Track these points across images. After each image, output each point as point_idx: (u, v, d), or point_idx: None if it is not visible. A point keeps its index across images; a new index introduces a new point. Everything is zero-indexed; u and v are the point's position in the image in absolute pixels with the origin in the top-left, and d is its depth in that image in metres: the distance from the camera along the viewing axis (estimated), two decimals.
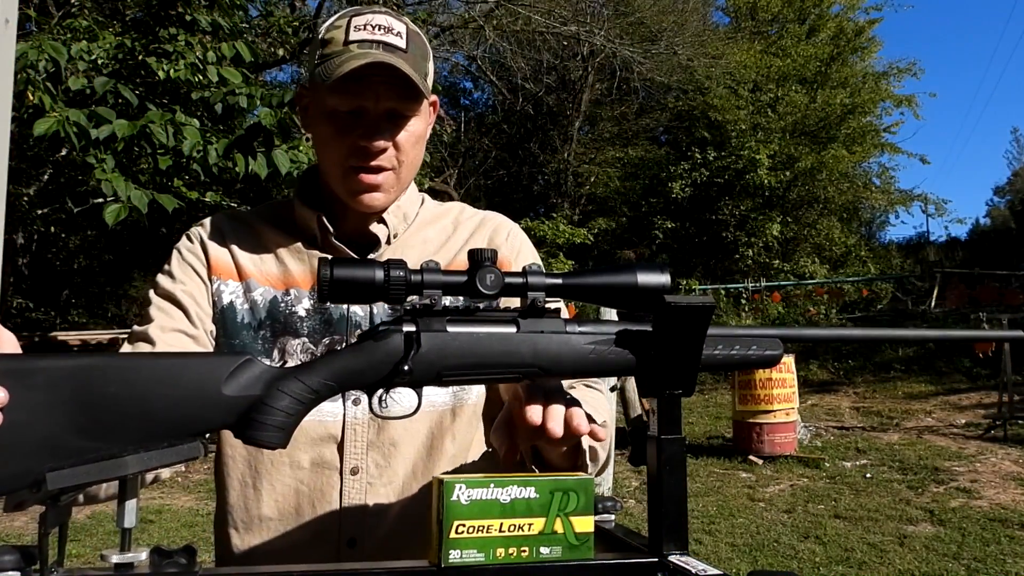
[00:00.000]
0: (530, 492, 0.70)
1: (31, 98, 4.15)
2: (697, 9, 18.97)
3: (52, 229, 9.80)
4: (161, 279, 1.07)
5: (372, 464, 1.03)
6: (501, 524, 0.69)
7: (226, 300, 1.06)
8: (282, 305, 1.06)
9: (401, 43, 0.99)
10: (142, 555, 0.65)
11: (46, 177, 6.91)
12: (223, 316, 1.06)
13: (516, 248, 1.15)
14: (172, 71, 4.76)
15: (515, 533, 0.69)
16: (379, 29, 0.98)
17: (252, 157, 4.50)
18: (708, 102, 18.30)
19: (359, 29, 0.98)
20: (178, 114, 4.56)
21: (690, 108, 19.18)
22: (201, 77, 4.86)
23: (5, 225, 0.92)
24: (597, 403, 1.01)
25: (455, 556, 0.67)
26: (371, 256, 1.09)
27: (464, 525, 0.68)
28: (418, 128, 1.06)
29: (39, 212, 7.47)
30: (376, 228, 1.10)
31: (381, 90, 0.99)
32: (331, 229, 1.07)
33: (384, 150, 1.02)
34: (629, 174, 19.69)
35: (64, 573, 0.64)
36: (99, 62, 4.85)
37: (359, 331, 1.04)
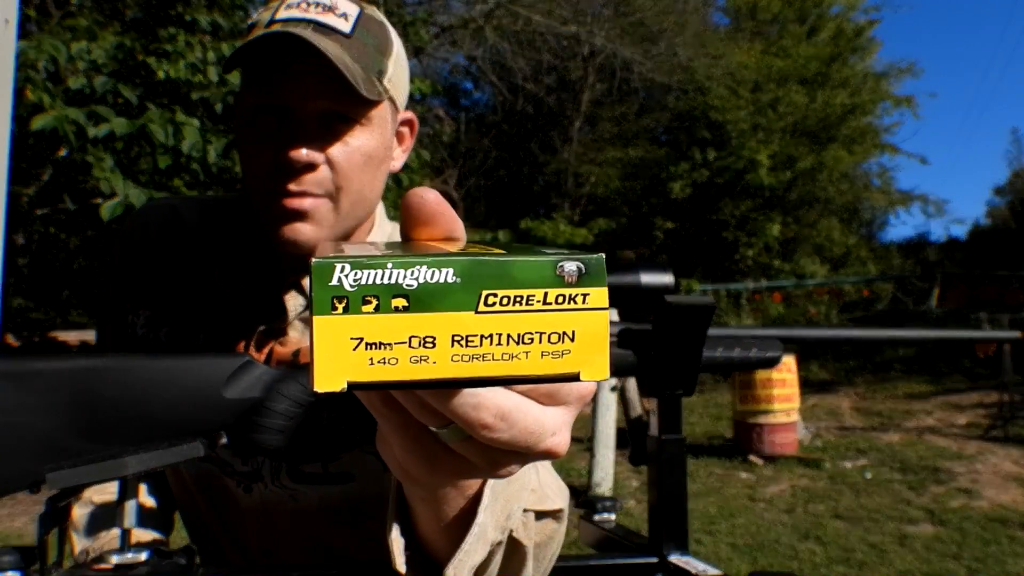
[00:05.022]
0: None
1: (30, 96, 4.15)
2: (697, 9, 18.97)
3: (52, 229, 9.80)
4: None
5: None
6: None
7: None
8: None
9: (344, 26, 0.76)
10: (142, 555, 0.65)
11: (46, 177, 6.91)
12: None
13: None
14: (172, 71, 4.76)
15: None
16: (315, 7, 0.76)
17: None
18: (708, 102, 18.29)
19: (291, 7, 0.76)
20: (178, 114, 4.56)
21: (690, 108, 19.16)
22: (201, 77, 4.86)
23: (6, 225, 0.92)
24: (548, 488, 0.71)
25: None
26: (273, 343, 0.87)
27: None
28: (367, 143, 0.78)
29: (39, 212, 7.46)
30: (289, 298, 0.83)
31: (310, 83, 0.74)
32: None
33: (310, 165, 0.75)
34: (629, 174, 19.68)
35: (64, 573, 0.64)
36: (99, 62, 4.85)
37: None
